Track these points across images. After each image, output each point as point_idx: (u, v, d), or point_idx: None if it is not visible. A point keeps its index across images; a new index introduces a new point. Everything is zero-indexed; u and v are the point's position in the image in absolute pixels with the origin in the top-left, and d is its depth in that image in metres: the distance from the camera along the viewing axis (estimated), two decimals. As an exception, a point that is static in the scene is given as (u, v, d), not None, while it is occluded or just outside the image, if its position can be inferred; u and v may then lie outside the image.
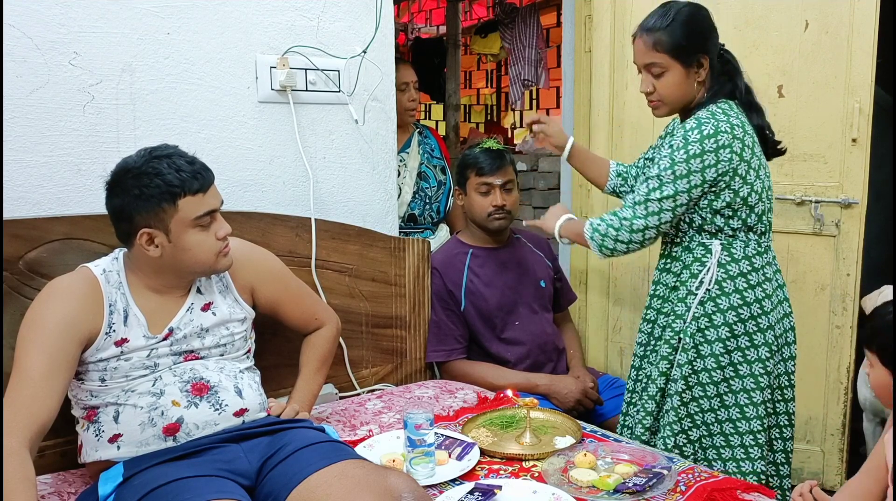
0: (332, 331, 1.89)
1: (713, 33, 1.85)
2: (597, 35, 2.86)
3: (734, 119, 1.79)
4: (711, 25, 1.85)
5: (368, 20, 2.24)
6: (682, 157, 1.75)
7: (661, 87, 1.84)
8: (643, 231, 1.81)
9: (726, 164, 1.75)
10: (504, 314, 2.32)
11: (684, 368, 1.85)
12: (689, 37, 1.80)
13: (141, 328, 1.53)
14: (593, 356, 2.99)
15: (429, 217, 2.80)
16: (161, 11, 1.90)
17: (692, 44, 1.80)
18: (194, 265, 1.54)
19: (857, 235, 2.38)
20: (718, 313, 1.83)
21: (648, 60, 1.83)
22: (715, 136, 1.74)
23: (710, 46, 1.84)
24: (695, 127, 1.76)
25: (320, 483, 1.39)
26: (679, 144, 1.76)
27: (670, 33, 1.79)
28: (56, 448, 1.68)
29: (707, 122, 1.75)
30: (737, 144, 1.76)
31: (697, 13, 1.83)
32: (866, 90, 2.30)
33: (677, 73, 1.82)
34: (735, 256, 1.84)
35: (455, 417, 1.99)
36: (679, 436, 1.88)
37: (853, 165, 2.36)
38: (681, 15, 1.80)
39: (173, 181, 1.46)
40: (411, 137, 2.84)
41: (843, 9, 2.31)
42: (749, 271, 1.84)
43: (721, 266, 1.83)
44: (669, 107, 1.88)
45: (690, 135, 1.75)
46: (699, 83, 1.84)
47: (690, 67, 1.82)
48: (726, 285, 1.83)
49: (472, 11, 6.66)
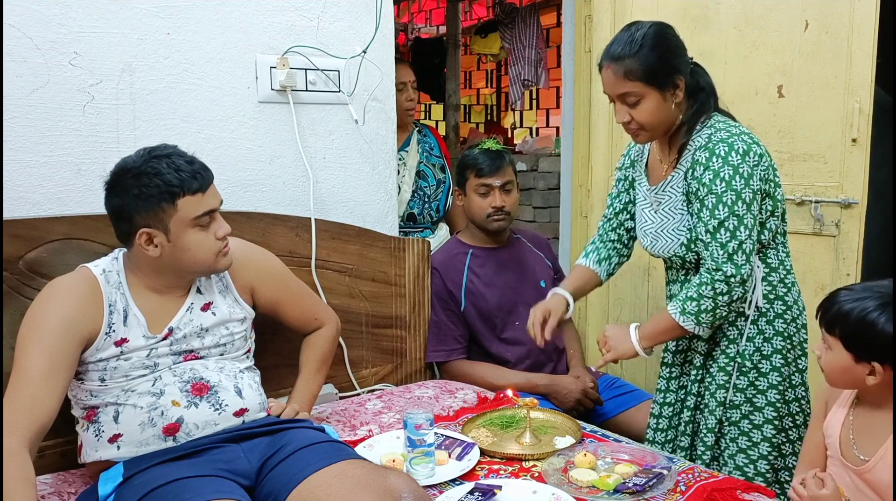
0: (332, 331, 1.89)
1: (683, 50, 1.76)
2: (597, 35, 2.86)
3: (742, 127, 1.75)
4: (680, 43, 1.76)
5: (368, 20, 2.24)
6: (742, 184, 1.66)
7: (639, 115, 1.72)
8: (751, 276, 1.70)
9: (766, 172, 1.72)
10: (504, 313, 2.32)
11: (747, 391, 1.78)
12: (661, 60, 1.69)
13: (141, 328, 1.53)
14: (593, 356, 2.99)
15: (428, 216, 2.80)
16: (161, 11, 1.90)
17: (665, 67, 1.70)
18: (194, 265, 1.54)
19: (857, 235, 2.38)
20: (768, 324, 1.78)
21: (621, 91, 1.72)
22: (750, 150, 1.68)
23: (683, 65, 1.75)
24: (729, 150, 1.67)
25: (320, 483, 1.39)
26: (730, 173, 1.66)
27: (641, 59, 1.68)
28: (56, 448, 1.68)
29: (735, 141, 1.68)
30: (762, 149, 1.72)
31: (664, 33, 1.73)
32: (866, 90, 2.30)
33: (654, 99, 1.71)
34: (772, 265, 1.80)
35: (455, 417, 1.99)
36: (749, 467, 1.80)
37: (853, 165, 2.35)
38: (648, 38, 1.69)
39: (172, 181, 1.46)
40: (410, 135, 2.84)
41: (843, 9, 2.31)
42: (786, 275, 1.81)
43: (764, 279, 1.78)
44: (651, 133, 1.77)
45: (732, 159, 1.67)
46: (677, 105, 1.75)
47: (667, 90, 1.71)
48: (771, 295, 1.79)
49: (472, 11, 6.67)
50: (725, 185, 1.67)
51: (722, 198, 1.67)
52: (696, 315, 1.71)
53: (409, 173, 2.77)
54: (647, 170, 1.91)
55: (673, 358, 1.91)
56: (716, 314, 1.72)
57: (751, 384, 1.79)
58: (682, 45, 1.76)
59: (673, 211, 1.81)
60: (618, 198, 2.02)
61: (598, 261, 2.04)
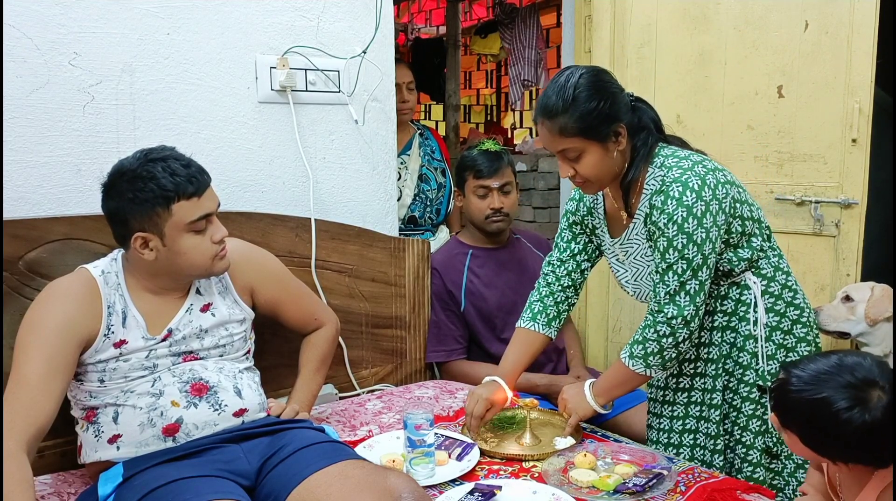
0: (332, 331, 1.89)
1: (619, 94, 1.65)
2: (597, 35, 2.86)
3: (694, 156, 1.67)
4: (616, 87, 1.65)
5: (368, 20, 2.24)
6: (695, 224, 1.59)
7: (583, 169, 1.64)
8: (695, 317, 1.63)
9: (727, 200, 1.63)
10: (504, 314, 2.32)
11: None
12: (597, 112, 1.59)
13: (140, 330, 1.53)
14: (593, 356, 2.99)
15: (429, 219, 2.80)
16: (161, 11, 1.90)
17: (603, 118, 1.60)
18: (190, 269, 1.54)
19: (856, 235, 2.38)
20: (789, 335, 1.72)
21: (560, 147, 1.63)
22: (705, 184, 1.60)
23: (622, 111, 1.64)
24: (684, 190, 1.59)
25: (320, 484, 1.39)
26: (683, 215, 1.59)
27: (576, 115, 1.58)
28: (56, 448, 1.68)
29: (689, 177, 1.60)
30: (719, 175, 1.64)
31: (598, 80, 1.62)
32: (866, 90, 2.30)
33: (595, 152, 1.62)
34: (768, 275, 1.73)
35: (455, 417, 1.99)
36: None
37: (853, 166, 2.35)
38: (581, 89, 1.59)
39: (167, 186, 1.45)
40: (412, 139, 2.84)
41: (843, 9, 2.31)
42: (786, 279, 1.75)
43: (765, 293, 1.72)
44: (598, 185, 1.69)
45: (686, 198, 1.59)
46: (620, 152, 1.65)
47: (608, 141, 1.62)
48: (779, 305, 1.72)
49: (472, 12, 6.67)
50: (677, 228, 1.60)
51: (672, 242, 1.61)
52: (644, 358, 1.66)
53: (411, 177, 2.76)
54: (607, 219, 1.84)
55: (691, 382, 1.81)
56: (664, 355, 1.65)
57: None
58: (619, 89, 1.66)
59: (643, 258, 1.75)
60: (574, 241, 1.91)
61: (548, 322, 1.90)
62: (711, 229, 1.61)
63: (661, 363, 1.66)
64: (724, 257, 1.70)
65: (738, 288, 1.73)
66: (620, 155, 1.66)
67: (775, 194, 2.50)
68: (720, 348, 1.75)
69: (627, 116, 1.66)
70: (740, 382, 1.73)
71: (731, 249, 1.70)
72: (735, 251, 1.70)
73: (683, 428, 1.80)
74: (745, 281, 1.73)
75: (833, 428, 1.17)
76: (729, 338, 1.75)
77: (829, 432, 1.18)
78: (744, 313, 1.72)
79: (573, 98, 1.59)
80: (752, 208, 1.72)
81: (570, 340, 2.47)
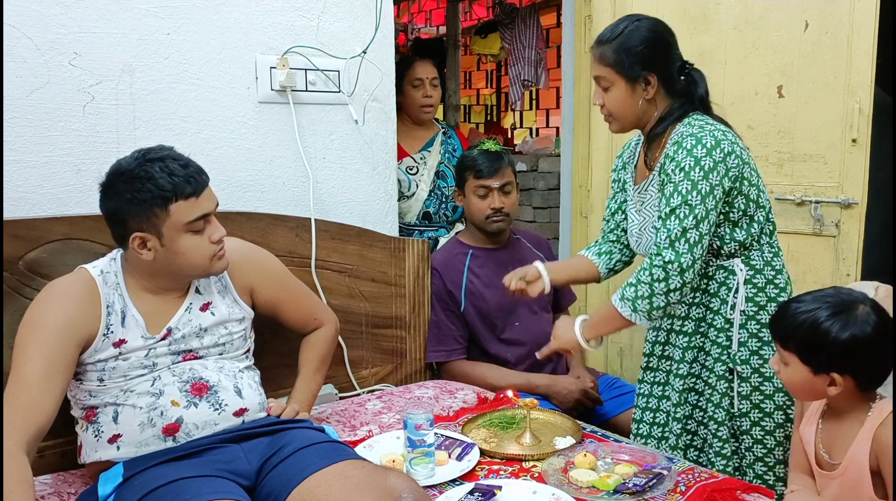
0: (331, 331, 1.89)
1: (664, 51, 1.75)
2: (597, 35, 2.86)
3: (719, 125, 1.74)
4: (665, 42, 1.76)
5: (368, 20, 2.24)
6: (700, 175, 1.65)
7: (609, 101, 1.77)
8: (692, 267, 1.66)
9: (736, 170, 1.70)
10: (504, 314, 2.32)
11: (752, 397, 1.76)
12: (634, 52, 1.71)
13: (139, 329, 1.53)
14: (593, 356, 2.99)
15: (443, 216, 2.81)
16: (161, 11, 1.90)
17: (635, 60, 1.72)
18: (188, 269, 1.54)
19: (857, 235, 2.38)
20: (764, 329, 1.75)
21: (595, 73, 1.77)
22: (718, 145, 1.67)
23: (659, 64, 1.74)
24: (696, 143, 1.67)
25: (320, 484, 1.39)
26: (691, 164, 1.66)
27: (614, 48, 1.73)
28: (56, 448, 1.68)
29: (704, 135, 1.68)
30: (736, 148, 1.71)
31: (649, 29, 1.74)
32: (866, 90, 2.30)
33: (621, 88, 1.74)
34: (757, 266, 1.77)
35: (455, 417, 1.99)
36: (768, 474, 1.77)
37: (853, 166, 2.35)
38: (629, 30, 1.73)
39: (165, 186, 1.45)
40: (435, 136, 2.86)
41: (843, 9, 2.31)
42: (775, 276, 1.78)
43: (748, 282, 1.76)
44: (620, 123, 1.80)
45: (697, 152, 1.66)
46: (647, 101, 1.75)
47: (636, 84, 1.73)
48: (760, 298, 1.76)
49: (472, 12, 6.67)
50: (684, 175, 1.67)
51: (678, 187, 1.67)
52: (633, 301, 1.69)
53: (428, 172, 2.77)
54: (636, 172, 1.92)
55: (658, 363, 1.88)
56: (652, 302, 1.67)
57: (755, 389, 1.76)
58: (671, 46, 1.77)
59: (652, 209, 1.81)
60: (613, 199, 2.03)
61: (598, 254, 2.04)
62: (716, 187, 1.67)
63: (648, 310, 1.68)
64: (720, 232, 1.74)
65: (725, 272, 1.77)
66: (647, 104, 1.76)
67: (775, 194, 2.49)
68: (696, 324, 1.80)
69: (666, 73, 1.76)
70: (717, 361, 1.78)
71: (730, 225, 1.74)
72: (732, 230, 1.74)
73: (646, 406, 1.90)
74: (733, 266, 1.77)
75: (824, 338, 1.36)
76: (707, 317, 1.79)
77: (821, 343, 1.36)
78: (725, 295, 1.77)
79: (620, 33, 1.73)
80: (760, 194, 1.76)
81: (570, 340, 2.47)
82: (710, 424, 1.80)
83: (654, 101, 1.77)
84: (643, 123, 1.80)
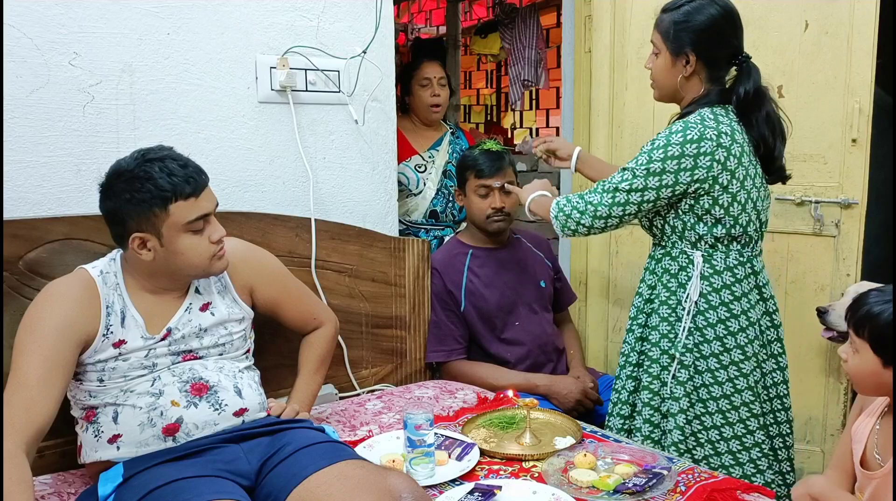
0: (331, 331, 1.89)
1: (716, 36, 1.80)
2: (597, 35, 2.86)
3: (724, 127, 1.76)
4: (718, 29, 1.80)
5: (368, 20, 2.24)
6: (660, 156, 1.74)
7: (654, 68, 1.87)
8: (606, 219, 1.81)
9: (704, 171, 1.73)
10: (504, 314, 2.32)
11: (686, 385, 1.83)
12: (681, 28, 1.79)
13: (139, 329, 1.53)
14: (593, 356, 2.99)
15: (450, 215, 2.82)
16: (161, 11, 1.90)
17: (680, 35, 1.79)
18: (188, 269, 1.54)
19: (857, 235, 2.38)
20: (709, 327, 1.81)
21: (651, 37, 1.87)
22: (698, 142, 1.72)
23: (704, 47, 1.80)
24: (681, 130, 1.74)
25: (320, 484, 1.39)
26: (661, 142, 1.75)
27: (669, 18, 1.81)
28: (56, 448, 1.67)
29: (694, 127, 1.73)
30: (720, 153, 1.73)
31: (707, 9, 1.79)
32: (866, 90, 2.30)
33: (665, 58, 1.83)
34: (717, 267, 1.82)
35: (455, 417, 1.99)
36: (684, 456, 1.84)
37: (853, 166, 2.35)
38: (691, 7, 1.79)
39: (164, 186, 1.45)
40: (443, 136, 2.87)
41: (843, 9, 2.31)
42: (733, 283, 1.81)
43: (705, 278, 1.82)
44: (659, 91, 1.90)
45: (673, 137, 1.74)
46: (685, 78, 1.83)
47: (678, 58, 1.81)
48: (712, 298, 1.81)
49: (472, 12, 6.66)
50: (651, 147, 1.77)
51: (641, 154, 1.78)
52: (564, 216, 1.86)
53: (436, 171, 2.78)
54: None
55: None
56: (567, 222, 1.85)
57: (689, 378, 1.83)
58: (725, 34, 1.81)
59: None
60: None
61: None
62: (668, 173, 1.74)
63: (562, 224, 1.87)
64: (684, 218, 1.80)
65: (686, 258, 1.83)
66: (685, 81, 1.83)
67: (775, 194, 2.48)
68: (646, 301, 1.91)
69: (710, 58, 1.81)
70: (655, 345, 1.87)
71: (695, 216, 1.80)
72: (696, 222, 1.80)
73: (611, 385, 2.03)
74: (693, 256, 1.82)
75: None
76: (661, 296, 1.87)
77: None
78: (683, 280, 1.84)
79: (681, 6, 1.80)
80: (733, 204, 1.78)
81: (570, 340, 2.48)
82: (668, 400, 1.87)
83: (694, 81, 1.83)
84: (679, 98, 1.87)
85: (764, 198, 1.87)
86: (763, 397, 1.85)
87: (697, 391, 1.84)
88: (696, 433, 1.85)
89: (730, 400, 1.82)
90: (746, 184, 1.79)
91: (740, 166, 1.77)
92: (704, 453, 1.85)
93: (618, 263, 2.87)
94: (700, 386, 1.83)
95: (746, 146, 1.81)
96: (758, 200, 1.84)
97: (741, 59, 1.83)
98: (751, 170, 1.81)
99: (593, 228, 1.83)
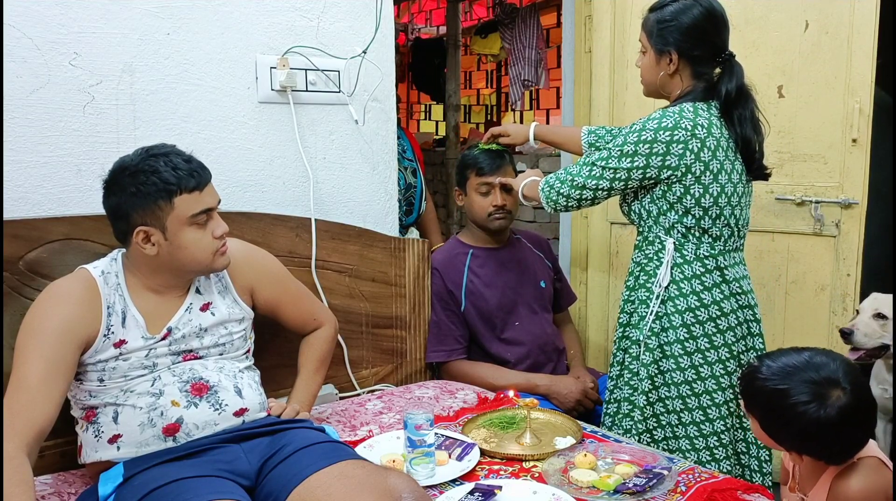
0: (331, 331, 1.89)
1: (699, 35, 1.82)
2: (597, 35, 2.86)
3: (702, 119, 1.79)
4: (702, 28, 1.82)
5: (368, 20, 2.24)
6: (634, 139, 1.79)
7: (641, 65, 1.92)
8: (581, 190, 1.87)
9: (676, 159, 1.77)
10: (504, 314, 2.32)
11: (650, 367, 1.87)
12: (664, 27, 1.83)
13: (139, 329, 1.53)
14: (593, 356, 2.99)
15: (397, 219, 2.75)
16: (161, 12, 1.90)
17: (663, 34, 1.83)
18: (191, 264, 1.54)
19: (857, 235, 2.38)
20: (676, 313, 1.84)
21: (638, 36, 1.92)
22: (672, 130, 1.76)
23: (685, 44, 1.82)
24: (657, 117, 1.79)
25: (320, 484, 1.39)
26: (637, 127, 1.81)
27: (653, 17, 1.86)
28: (56, 448, 1.67)
29: (671, 116, 1.78)
30: (694, 143, 1.77)
31: (690, 10, 1.81)
32: (866, 90, 2.30)
33: (649, 56, 1.88)
34: (687, 257, 1.85)
35: (455, 417, 1.99)
36: (643, 435, 1.89)
37: (853, 166, 2.35)
38: (673, 5, 1.83)
39: (169, 179, 1.46)
40: None
41: (843, 9, 2.31)
42: (703, 273, 1.84)
43: (676, 267, 1.85)
44: (645, 87, 1.95)
45: (650, 122, 1.79)
46: (668, 75, 1.86)
47: (661, 56, 1.85)
48: (683, 286, 1.84)
49: (472, 12, 6.66)
50: (628, 131, 1.83)
51: (619, 135, 1.86)
52: (548, 187, 1.95)
53: None
54: None
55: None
56: (556, 199, 1.93)
57: (654, 361, 1.87)
58: (708, 34, 1.83)
59: None
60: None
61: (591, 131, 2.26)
62: (639, 156, 1.79)
63: (545, 195, 1.96)
64: (658, 203, 1.85)
65: (660, 243, 1.88)
66: (668, 78, 1.87)
67: (775, 194, 2.50)
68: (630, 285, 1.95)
69: (694, 56, 1.84)
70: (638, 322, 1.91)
71: (666, 203, 1.83)
72: (668, 209, 1.83)
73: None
74: (665, 241, 1.86)
75: (789, 419, 1.24)
76: (641, 278, 1.91)
77: (785, 422, 1.25)
78: (656, 265, 1.88)
79: (665, 6, 1.85)
80: (705, 196, 1.80)
81: (570, 340, 2.48)
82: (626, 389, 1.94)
83: (679, 78, 1.87)
84: (665, 94, 1.91)
85: (742, 194, 1.87)
86: (725, 385, 1.84)
87: (663, 375, 1.87)
88: (658, 414, 1.89)
89: (691, 387, 1.85)
90: (721, 178, 1.80)
91: (714, 159, 1.79)
92: (664, 434, 1.90)
93: (619, 263, 2.87)
94: (665, 371, 1.87)
95: (724, 142, 1.82)
96: (733, 195, 1.84)
97: (724, 57, 1.86)
98: (727, 165, 1.82)
99: (571, 197, 1.90)
